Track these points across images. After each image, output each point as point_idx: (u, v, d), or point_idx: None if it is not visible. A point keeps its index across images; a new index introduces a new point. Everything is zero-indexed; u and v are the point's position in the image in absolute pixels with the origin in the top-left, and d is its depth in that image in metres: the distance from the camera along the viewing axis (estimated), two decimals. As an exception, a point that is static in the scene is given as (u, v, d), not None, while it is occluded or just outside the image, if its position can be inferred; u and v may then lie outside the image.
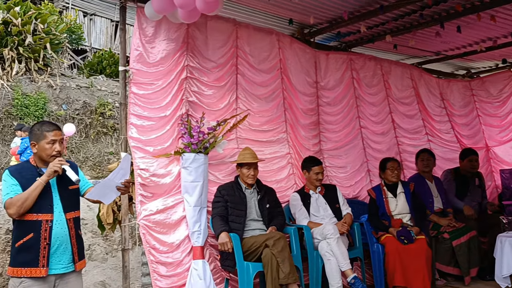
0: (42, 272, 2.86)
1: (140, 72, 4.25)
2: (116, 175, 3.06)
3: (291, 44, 5.41)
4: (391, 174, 4.99)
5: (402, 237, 4.61)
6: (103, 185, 3.07)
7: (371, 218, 4.94)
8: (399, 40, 5.83)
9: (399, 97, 6.40)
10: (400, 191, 4.99)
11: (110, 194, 3.12)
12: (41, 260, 2.87)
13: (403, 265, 4.50)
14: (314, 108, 5.54)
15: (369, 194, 5.09)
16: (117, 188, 3.08)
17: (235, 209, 4.24)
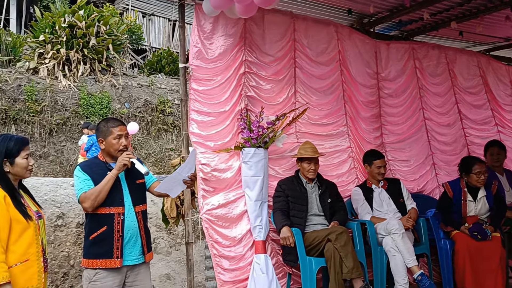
0: (117, 263, 2.97)
1: (199, 68, 4.30)
2: (183, 169, 3.13)
3: (350, 35, 5.29)
4: (477, 179, 4.47)
5: (475, 232, 4.35)
6: (171, 178, 3.15)
7: (442, 213, 4.62)
8: (465, 26, 5.55)
9: (465, 86, 6.11)
10: (481, 195, 4.55)
11: (177, 188, 3.20)
12: (115, 251, 2.97)
13: (474, 265, 4.23)
14: (375, 100, 5.39)
15: (445, 189, 4.69)
16: (183, 182, 3.15)
17: (296, 204, 4.20)
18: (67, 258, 5.27)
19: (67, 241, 5.38)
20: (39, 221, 2.76)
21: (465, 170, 4.58)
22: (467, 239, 4.35)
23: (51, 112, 10.15)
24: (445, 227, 4.59)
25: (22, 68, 10.87)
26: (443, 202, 4.68)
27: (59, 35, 11.08)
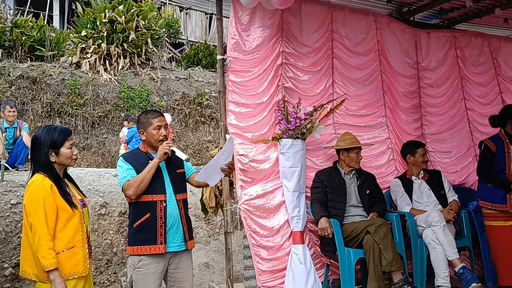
0: (161, 249, 3.06)
1: (237, 60, 4.32)
2: (220, 157, 3.21)
3: (389, 24, 5.20)
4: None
5: None
6: (209, 167, 3.23)
7: (486, 174, 4.34)
8: (510, 13, 5.36)
9: (510, 76, 5.89)
10: None
11: (215, 176, 3.27)
12: (159, 238, 3.06)
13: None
14: (415, 90, 5.29)
15: (486, 144, 4.38)
16: (221, 170, 3.20)
17: (335, 195, 4.19)
18: (110, 245, 5.45)
19: (110, 229, 5.56)
20: (84, 209, 2.88)
21: (507, 118, 4.37)
22: (506, 229, 4.23)
23: (93, 105, 10.44)
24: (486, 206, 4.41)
25: (65, 63, 11.20)
26: (486, 159, 4.36)
27: (100, 30, 11.35)
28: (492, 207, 4.35)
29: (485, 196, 4.41)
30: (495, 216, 4.36)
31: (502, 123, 4.43)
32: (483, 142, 4.47)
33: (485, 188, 4.40)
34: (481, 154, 4.46)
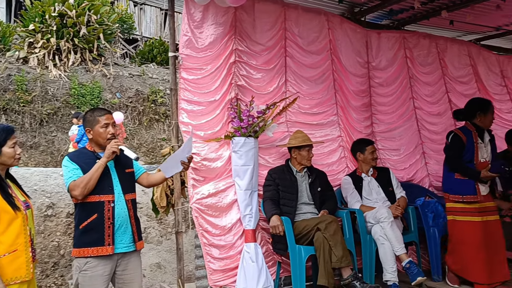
0: (109, 250, 2.98)
1: (190, 57, 4.27)
2: (183, 151, 3.19)
3: (341, 24, 5.28)
4: (491, 118, 4.40)
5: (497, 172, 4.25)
6: (172, 158, 3.21)
7: (456, 162, 4.31)
8: (455, 15, 5.55)
9: (456, 75, 6.12)
10: (487, 138, 4.39)
11: (173, 169, 3.25)
12: (107, 239, 2.98)
13: (488, 254, 4.17)
14: (366, 89, 5.39)
15: (457, 134, 4.33)
16: (181, 163, 3.18)
17: (286, 193, 4.22)
18: (57, 248, 5.27)
19: (57, 231, 5.38)
20: (27, 211, 2.76)
21: (476, 110, 4.39)
22: (477, 227, 4.24)
23: (42, 102, 10.07)
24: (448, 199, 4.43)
25: (12, 58, 10.76)
26: (457, 149, 4.31)
27: (49, 24, 10.96)
28: (463, 199, 4.32)
29: (455, 189, 4.37)
30: (463, 211, 4.32)
31: (470, 115, 4.45)
32: (452, 133, 4.44)
33: (455, 181, 4.36)
34: (451, 145, 4.39)
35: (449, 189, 4.43)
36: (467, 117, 4.49)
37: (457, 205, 4.37)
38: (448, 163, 4.43)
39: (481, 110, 4.39)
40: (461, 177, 4.33)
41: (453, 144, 4.36)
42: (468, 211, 4.31)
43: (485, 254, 4.21)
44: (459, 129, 4.44)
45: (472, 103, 4.53)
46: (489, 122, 4.42)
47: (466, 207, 4.31)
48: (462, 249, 4.31)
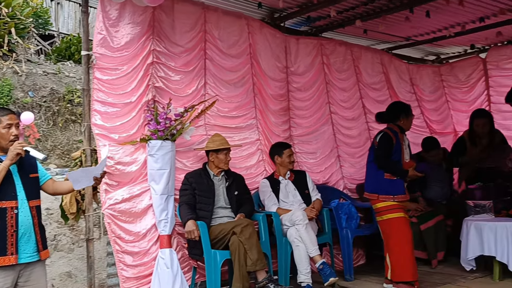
0: (12, 260, 2.79)
1: (104, 56, 4.12)
2: (97, 168, 3.11)
3: (261, 28, 5.33)
4: (412, 121, 4.62)
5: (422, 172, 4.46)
6: (84, 171, 3.14)
7: (386, 161, 4.33)
8: (369, 25, 5.81)
9: (369, 82, 6.40)
10: (407, 140, 4.55)
11: (84, 182, 3.13)
12: (9, 248, 2.80)
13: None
14: (284, 93, 5.48)
15: (387, 134, 4.38)
16: (93, 178, 3.08)
17: (203, 197, 4.19)
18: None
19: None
20: None
21: (400, 113, 4.50)
22: (406, 224, 4.35)
23: None
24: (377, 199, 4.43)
25: None
26: (388, 149, 4.35)
27: (-47, 15, 10.12)
28: (394, 199, 4.35)
29: (385, 189, 4.36)
30: (397, 208, 4.36)
31: (394, 117, 4.53)
32: (381, 132, 4.47)
33: (384, 181, 4.36)
34: (381, 145, 4.39)
35: (378, 189, 4.40)
36: (391, 119, 4.56)
37: (387, 203, 4.36)
38: (378, 162, 4.39)
39: (404, 113, 4.52)
40: (391, 177, 4.35)
41: (383, 144, 4.37)
42: (397, 207, 4.37)
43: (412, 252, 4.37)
44: (388, 129, 4.48)
45: (396, 106, 4.68)
46: (410, 124, 4.60)
47: (395, 204, 4.35)
48: (404, 248, 4.28)
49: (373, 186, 4.46)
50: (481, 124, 5.39)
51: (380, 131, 4.53)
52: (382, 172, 4.37)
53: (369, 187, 4.53)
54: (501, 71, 6.89)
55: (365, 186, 4.64)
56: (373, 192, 4.45)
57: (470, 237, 4.61)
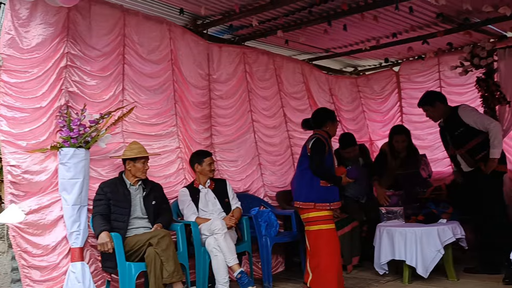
0: None
1: (12, 58, 3.86)
2: None
3: (183, 34, 5.27)
4: (337, 127, 4.68)
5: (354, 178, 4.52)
6: None
7: (324, 170, 4.32)
8: (290, 35, 5.93)
9: (290, 91, 6.54)
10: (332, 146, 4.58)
11: None
12: None
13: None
14: (206, 101, 5.45)
15: (321, 140, 4.35)
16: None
17: (118, 207, 4.05)
18: None
19: None
20: None
21: (327, 119, 4.54)
22: (335, 233, 4.39)
23: None
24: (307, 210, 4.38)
25: None
26: (323, 155, 4.33)
27: None
28: (330, 207, 4.34)
29: (322, 197, 4.31)
30: (328, 219, 4.35)
31: (321, 123, 4.53)
32: (313, 138, 4.41)
33: (320, 189, 4.32)
34: (315, 151, 4.33)
35: (315, 198, 4.31)
36: (318, 125, 4.55)
37: (322, 213, 4.32)
38: (315, 168, 4.30)
39: (330, 119, 4.58)
40: (326, 184, 4.33)
41: (317, 149, 4.32)
42: (330, 219, 4.38)
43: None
44: (319, 135, 4.43)
45: (322, 112, 4.71)
46: (335, 130, 4.66)
47: (328, 215, 4.35)
48: (333, 261, 4.29)
49: (309, 195, 4.34)
50: (400, 140, 5.70)
51: (312, 137, 4.48)
52: (317, 179, 4.32)
53: (302, 196, 4.39)
54: (412, 84, 7.33)
55: (296, 195, 4.51)
56: (308, 201, 4.33)
57: (383, 242, 4.83)
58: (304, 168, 4.43)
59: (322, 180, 4.32)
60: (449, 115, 5.14)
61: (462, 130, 5.02)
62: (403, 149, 5.72)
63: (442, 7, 5.16)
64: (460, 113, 5.03)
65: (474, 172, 5.03)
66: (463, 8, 5.03)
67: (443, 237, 4.60)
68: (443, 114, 5.22)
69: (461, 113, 5.02)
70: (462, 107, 5.13)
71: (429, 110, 5.28)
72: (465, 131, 5.00)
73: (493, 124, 4.92)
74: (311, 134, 4.57)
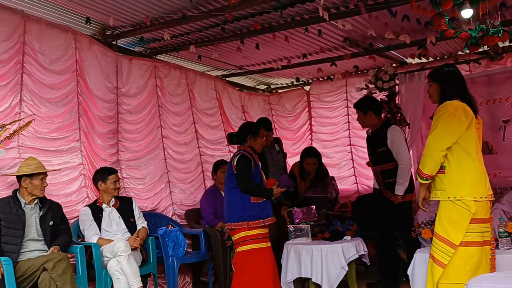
0: None
1: None
2: None
3: (90, 45, 5.03)
4: (261, 142, 4.57)
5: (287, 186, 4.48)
6: None
7: (252, 186, 4.31)
8: (203, 51, 5.90)
9: (203, 107, 6.48)
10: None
11: None
12: None
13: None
14: (113, 115, 5.23)
15: (245, 155, 4.35)
16: None
17: (11, 228, 3.72)
18: None
19: None
20: None
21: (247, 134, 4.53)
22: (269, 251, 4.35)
23: None
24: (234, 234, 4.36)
25: None
26: (248, 169, 4.32)
27: None
28: (264, 223, 4.32)
29: (255, 214, 4.29)
30: (261, 238, 4.32)
31: (243, 138, 4.53)
32: (237, 155, 4.40)
33: (252, 206, 4.30)
34: (241, 168, 4.32)
35: (248, 216, 4.28)
36: (240, 141, 4.56)
37: (254, 231, 4.29)
38: (242, 186, 4.26)
39: (252, 133, 4.52)
40: (257, 200, 4.32)
41: (242, 166, 4.30)
42: (264, 237, 4.34)
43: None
44: (243, 151, 4.42)
45: (245, 127, 4.69)
46: (260, 145, 4.59)
47: (261, 233, 4.32)
48: (263, 282, 4.26)
49: (241, 214, 4.30)
50: (311, 163, 5.76)
51: (236, 153, 4.47)
52: (248, 196, 4.30)
53: (234, 216, 4.33)
54: (321, 103, 7.61)
55: (227, 216, 4.42)
56: (241, 220, 4.29)
57: (290, 260, 4.87)
58: (232, 187, 4.38)
59: (252, 197, 4.31)
60: (379, 128, 5.06)
61: (383, 150, 4.96)
62: (313, 171, 5.82)
63: (348, 32, 5.41)
64: (389, 132, 4.93)
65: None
66: (367, 34, 5.31)
67: (347, 254, 4.73)
68: (372, 125, 5.11)
69: (389, 133, 4.93)
70: (393, 127, 5.02)
71: (360, 115, 5.14)
72: (386, 151, 4.94)
73: (402, 162, 4.83)
74: (236, 151, 4.55)
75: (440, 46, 6.18)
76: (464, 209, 3.13)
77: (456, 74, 3.42)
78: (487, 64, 6.28)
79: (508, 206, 5.45)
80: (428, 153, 3.20)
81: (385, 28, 5.24)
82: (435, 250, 3.22)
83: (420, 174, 3.27)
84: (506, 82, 5.88)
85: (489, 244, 3.25)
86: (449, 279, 3.14)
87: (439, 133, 3.18)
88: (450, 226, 3.16)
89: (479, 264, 3.14)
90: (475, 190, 3.16)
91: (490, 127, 5.94)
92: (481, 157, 3.30)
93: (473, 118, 3.26)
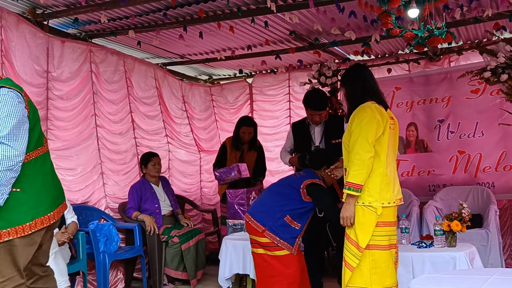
0: None
1: None
2: None
3: (18, 24, 4.62)
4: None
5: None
6: None
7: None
8: (143, 37, 5.62)
9: (141, 96, 6.18)
10: None
11: None
12: None
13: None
14: (42, 101, 4.85)
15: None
16: None
17: None
18: None
19: None
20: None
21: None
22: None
23: None
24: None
25: None
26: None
27: None
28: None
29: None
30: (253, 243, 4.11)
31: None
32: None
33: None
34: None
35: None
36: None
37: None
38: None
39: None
40: None
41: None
42: (254, 243, 4.14)
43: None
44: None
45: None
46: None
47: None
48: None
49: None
50: (247, 131, 5.68)
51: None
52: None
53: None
54: (263, 96, 7.54)
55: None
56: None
57: (228, 255, 4.76)
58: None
59: None
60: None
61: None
62: (248, 141, 5.74)
63: (295, 25, 5.35)
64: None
65: None
66: (314, 28, 5.26)
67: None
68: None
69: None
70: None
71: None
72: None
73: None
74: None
75: (382, 45, 6.28)
76: (372, 211, 3.13)
77: (364, 72, 3.36)
78: (426, 64, 6.46)
79: (441, 203, 5.65)
80: (360, 162, 3.07)
81: (332, 23, 5.22)
82: (347, 253, 3.22)
83: (353, 187, 3.10)
84: (443, 83, 6.06)
85: (395, 247, 3.27)
86: (355, 283, 3.15)
87: (364, 138, 3.09)
88: (359, 229, 3.16)
89: (386, 268, 3.15)
90: (383, 196, 3.14)
91: (427, 126, 6.13)
92: (391, 160, 3.26)
93: (388, 121, 3.22)
